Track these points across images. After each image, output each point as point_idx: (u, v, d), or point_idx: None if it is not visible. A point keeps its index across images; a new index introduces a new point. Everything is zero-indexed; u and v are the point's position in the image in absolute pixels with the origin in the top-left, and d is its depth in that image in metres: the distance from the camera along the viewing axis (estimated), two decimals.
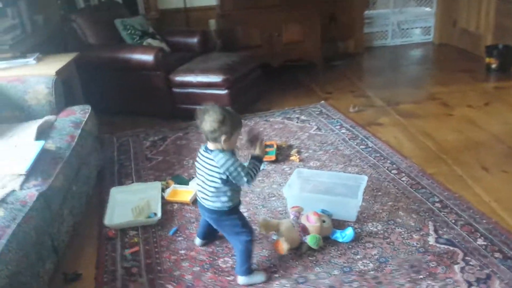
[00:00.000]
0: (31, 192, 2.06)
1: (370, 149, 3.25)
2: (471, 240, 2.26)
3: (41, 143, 2.38)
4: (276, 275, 2.13)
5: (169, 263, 2.27)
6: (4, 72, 3.15)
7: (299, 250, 2.27)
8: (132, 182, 3.02)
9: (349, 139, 3.43)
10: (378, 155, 3.16)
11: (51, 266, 2.17)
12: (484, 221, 2.40)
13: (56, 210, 2.24)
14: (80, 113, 2.92)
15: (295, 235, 2.27)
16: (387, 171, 2.94)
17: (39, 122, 2.66)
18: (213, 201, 2.05)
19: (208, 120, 1.94)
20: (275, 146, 3.23)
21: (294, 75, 5.07)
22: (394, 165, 3.00)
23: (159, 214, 2.58)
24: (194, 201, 2.70)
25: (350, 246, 2.28)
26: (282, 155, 3.23)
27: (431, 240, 2.29)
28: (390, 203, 2.61)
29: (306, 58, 5.14)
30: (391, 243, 2.28)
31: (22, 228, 1.85)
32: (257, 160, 2.06)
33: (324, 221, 2.32)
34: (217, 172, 1.99)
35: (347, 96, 4.37)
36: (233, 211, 2.10)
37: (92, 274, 2.24)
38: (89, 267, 2.29)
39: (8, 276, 1.66)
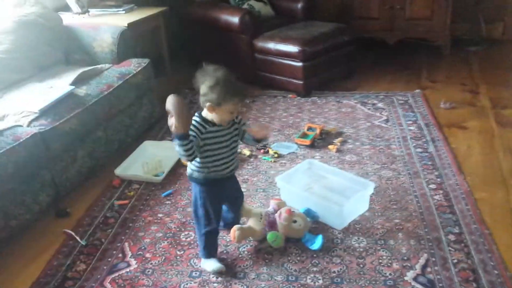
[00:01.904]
0: (31, 130, 2.30)
1: (427, 154, 2.77)
2: None
3: (69, 88, 2.61)
4: (222, 263, 2.02)
5: (142, 222, 2.33)
6: (92, 19, 3.48)
7: (261, 244, 2.12)
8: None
9: (411, 138, 2.97)
10: (430, 163, 2.68)
11: (47, 199, 2.42)
12: (496, 272, 1.89)
13: (61, 150, 2.46)
14: (134, 65, 3.08)
15: (258, 227, 2.11)
16: (424, 184, 2.49)
17: (87, 68, 2.89)
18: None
19: (203, 82, 1.80)
20: (317, 131, 2.98)
21: (408, 55, 4.51)
22: (438, 179, 2.52)
23: (163, 175, 2.65)
24: None
25: (315, 255, 2.04)
26: (325, 141, 2.97)
27: (410, 275, 1.90)
28: (396, 220, 2.23)
29: (431, 38, 4.51)
30: (361, 265, 1.97)
31: (1, 159, 2.09)
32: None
33: (295, 221, 2.10)
34: None
35: (451, 89, 3.74)
36: (198, 183, 1.94)
37: (79, 215, 2.44)
38: (81, 209, 2.49)
39: None
